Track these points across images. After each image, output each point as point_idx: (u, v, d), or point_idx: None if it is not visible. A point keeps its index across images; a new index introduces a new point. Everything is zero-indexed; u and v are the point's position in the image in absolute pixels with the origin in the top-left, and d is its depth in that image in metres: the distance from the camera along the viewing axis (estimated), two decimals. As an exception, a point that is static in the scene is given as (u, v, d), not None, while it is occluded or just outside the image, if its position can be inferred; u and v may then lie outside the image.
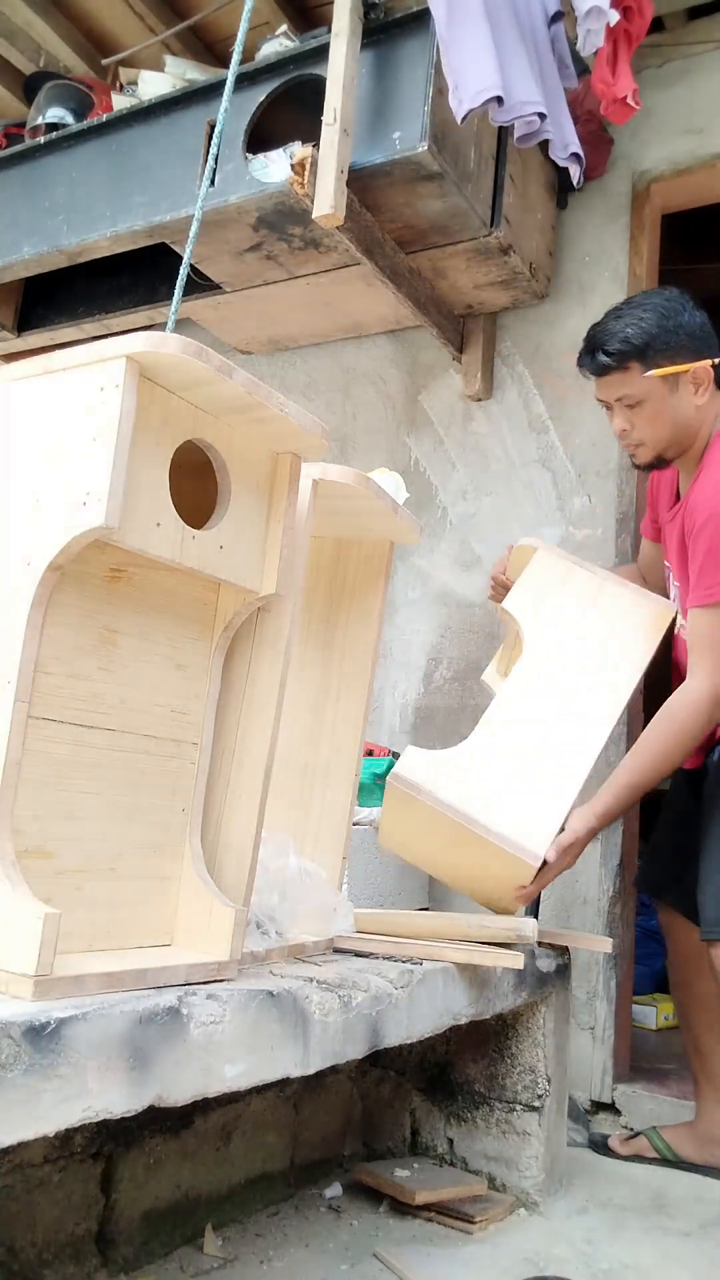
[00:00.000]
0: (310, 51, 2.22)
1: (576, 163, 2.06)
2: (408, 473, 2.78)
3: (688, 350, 1.83)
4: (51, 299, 2.97)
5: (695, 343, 1.84)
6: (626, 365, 1.83)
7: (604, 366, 1.86)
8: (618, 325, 1.85)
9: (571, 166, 2.07)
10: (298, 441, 1.25)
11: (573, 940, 1.89)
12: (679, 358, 1.83)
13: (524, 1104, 1.81)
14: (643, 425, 1.88)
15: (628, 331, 1.83)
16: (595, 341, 1.87)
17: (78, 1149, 1.38)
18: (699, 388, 1.85)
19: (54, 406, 1.09)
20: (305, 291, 2.63)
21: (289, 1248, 1.55)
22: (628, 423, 1.89)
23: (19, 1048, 0.87)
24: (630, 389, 1.85)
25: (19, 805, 1.04)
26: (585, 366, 1.91)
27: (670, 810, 2.14)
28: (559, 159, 2.05)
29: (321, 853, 1.54)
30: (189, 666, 1.25)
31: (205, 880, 1.22)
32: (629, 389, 1.85)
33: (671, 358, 1.82)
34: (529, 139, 1.96)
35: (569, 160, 2.05)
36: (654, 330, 1.82)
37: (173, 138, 2.41)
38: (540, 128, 1.93)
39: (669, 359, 1.82)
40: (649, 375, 1.82)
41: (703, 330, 1.86)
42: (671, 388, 1.84)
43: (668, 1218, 1.78)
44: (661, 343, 1.82)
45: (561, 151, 2.03)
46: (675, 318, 1.84)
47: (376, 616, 1.58)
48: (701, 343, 1.85)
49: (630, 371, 1.84)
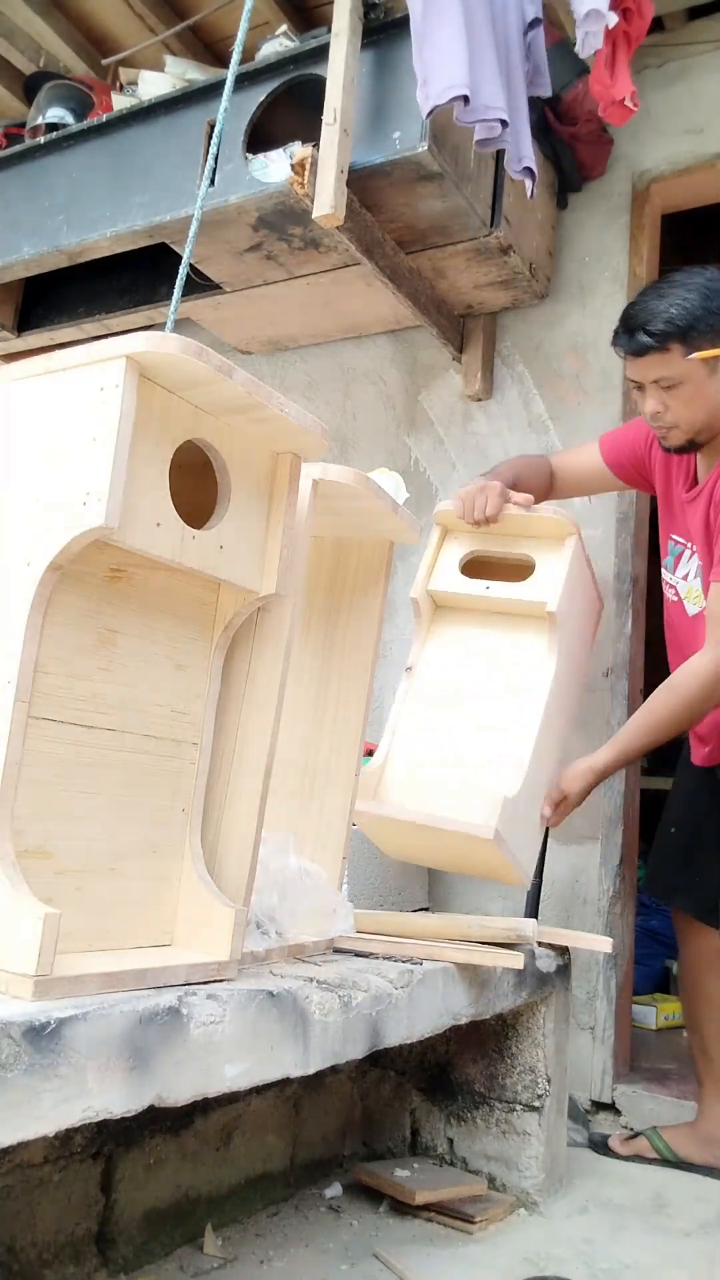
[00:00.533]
0: (310, 51, 2.22)
1: (529, 176, 2.06)
2: (408, 473, 2.78)
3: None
4: (51, 299, 2.97)
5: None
6: (668, 346, 1.78)
7: (645, 346, 1.80)
8: (661, 305, 1.79)
9: (525, 180, 2.07)
10: (298, 441, 1.25)
11: (572, 940, 1.89)
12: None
13: (524, 1104, 1.81)
14: (678, 408, 1.84)
15: (671, 311, 1.77)
16: (635, 320, 1.82)
17: (78, 1149, 1.38)
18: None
19: (54, 406, 1.09)
20: (305, 291, 2.63)
21: (289, 1248, 1.55)
22: (662, 404, 1.84)
23: (19, 1048, 0.87)
24: (669, 370, 1.80)
25: (19, 805, 1.04)
26: (622, 346, 1.86)
27: (677, 810, 2.14)
28: (512, 172, 2.05)
29: (321, 853, 1.54)
30: (189, 666, 1.25)
31: (205, 880, 1.22)
32: (668, 370, 1.80)
33: (714, 339, 1.78)
34: (487, 144, 1.95)
35: (522, 174, 2.04)
36: (698, 311, 1.77)
37: (173, 138, 2.41)
38: (500, 135, 1.93)
39: (711, 340, 1.78)
40: (691, 358, 1.77)
41: None
42: (711, 370, 1.80)
43: (668, 1218, 1.78)
44: (705, 324, 1.77)
45: (515, 164, 2.03)
46: (718, 298, 1.79)
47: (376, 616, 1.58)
48: None
49: (671, 353, 1.79)
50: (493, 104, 1.89)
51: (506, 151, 2.00)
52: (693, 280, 1.82)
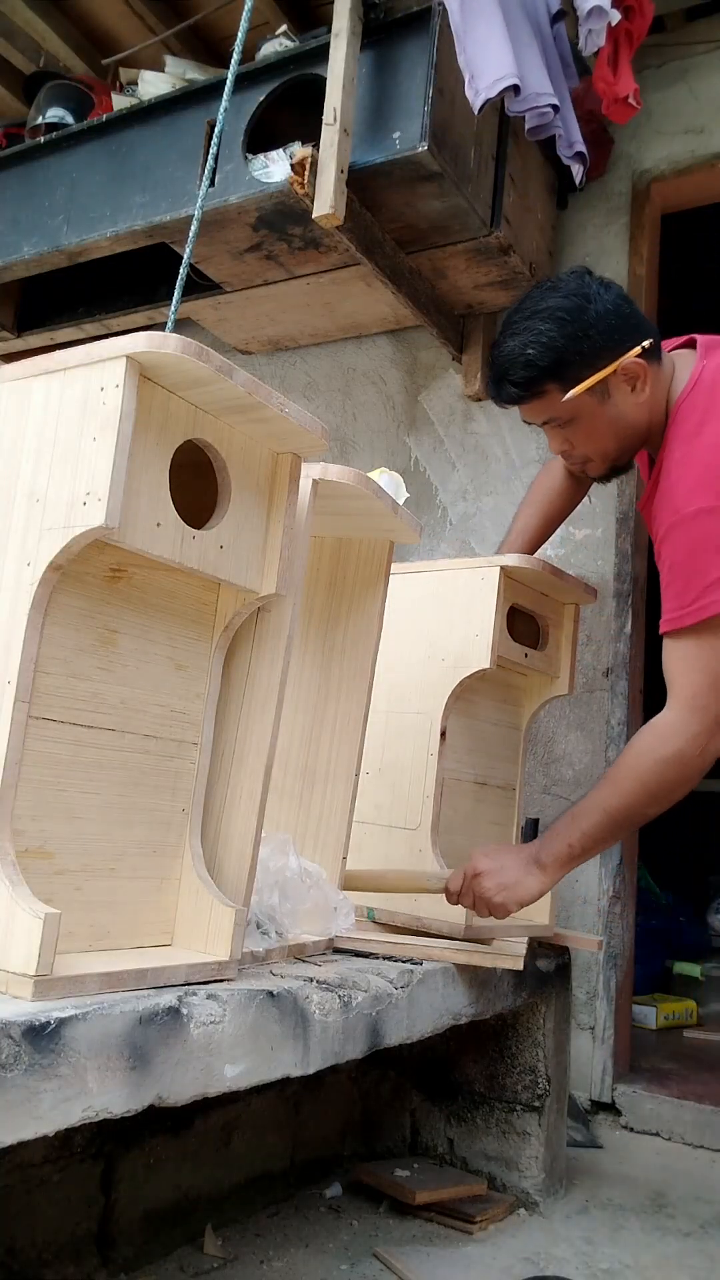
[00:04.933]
0: (310, 51, 2.22)
1: (580, 161, 2.06)
2: (408, 473, 2.78)
3: (607, 348, 1.51)
4: (51, 299, 2.97)
5: (614, 334, 1.51)
6: (541, 390, 1.53)
7: (515, 397, 1.57)
8: (515, 345, 1.52)
9: (574, 165, 2.07)
10: (298, 441, 1.25)
11: (560, 938, 1.89)
12: (599, 361, 1.50)
13: (524, 1104, 1.81)
14: (581, 442, 1.59)
15: (529, 353, 1.51)
16: (497, 369, 1.57)
17: (78, 1149, 1.38)
18: (635, 382, 1.53)
19: (54, 406, 1.09)
20: (305, 291, 2.63)
21: (289, 1248, 1.55)
22: (566, 443, 1.61)
23: (19, 1048, 0.87)
24: (555, 411, 1.55)
25: (19, 805, 1.04)
26: (495, 399, 1.62)
27: None
28: (564, 156, 2.06)
29: (321, 853, 1.54)
30: (189, 666, 1.25)
31: (205, 880, 1.22)
32: (553, 412, 1.55)
33: (591, 365, 1.50)
34: (540, 131, 1.96)
35: (573, 159, 2.05)
36: (559, 343, 1.50)
37: (172, 138, 2.41)
38: (552, 120, 1.93)
39: (588, 367, 1.50)
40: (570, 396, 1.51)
41: (619, 315, 1.52)
42: (602, 395, 1.53)
43: (668, 1218, 1.78)
44: (573, 354, 1.50)
45: (567, 149, 2.04)
46: (581, 318, 1.50)
47: (376, 616, 1.58)
48: (622, 331, 1.52)
49: (549, 394, 1.53)
50: (542, 90, 1.89)
51: (559, 138, 2.00)
52: (546, 304, 1.52)
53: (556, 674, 1.94)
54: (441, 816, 1.72)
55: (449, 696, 1.72)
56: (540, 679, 1.94)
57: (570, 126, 2.03)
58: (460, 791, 1.80)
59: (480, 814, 1.85)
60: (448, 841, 1.73)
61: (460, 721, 1.79)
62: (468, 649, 1.73)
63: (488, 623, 1.71)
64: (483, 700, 1.86)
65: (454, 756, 1.77)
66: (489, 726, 1.88)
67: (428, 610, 1.80)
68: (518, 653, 1.79)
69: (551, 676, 1.93)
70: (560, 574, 1.82)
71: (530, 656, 1.83)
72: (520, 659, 1.80)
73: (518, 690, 1.96)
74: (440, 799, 1.72)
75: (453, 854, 1.72)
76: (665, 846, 3.62)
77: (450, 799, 1.76)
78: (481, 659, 1.71)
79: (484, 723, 1.87)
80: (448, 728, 1.74)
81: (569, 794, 2.45)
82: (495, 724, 1.90)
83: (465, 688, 1.74)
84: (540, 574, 1.77)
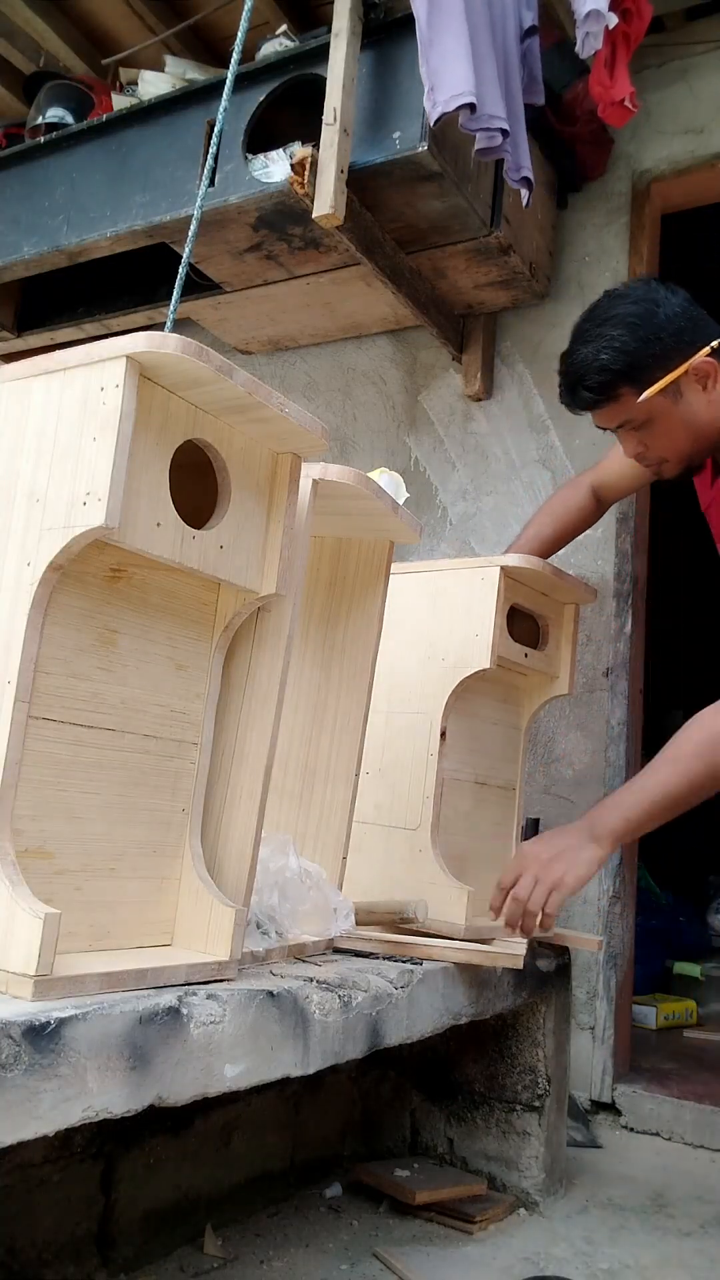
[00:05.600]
0: (310, 51, 2.22)
1: (526, 186, 2.06)
2: (408, 473, 2.78)
3: (678, 349, 1.58)
4: (51, 299, 2.97)
5: (684, 335, 1.58)
6: (616, 394, 1.60)
7: (590, 402, 1.63)
8: (589, 351, 1.59)
9: (522, 189, 2.07)
10: (298, 441, 1.25)
11: (560, 938, 1.90)
12: (671, 362, 1.58)
13: (524, 1104, 1.81)
14: (657, 443, 1.66)
15: (603, 358, 1.58)
16: (571, 376, 1.64)
17: (78, 1149, 1.38)
18: (707, 381, 1.60)
19: (54, 406, 1.09)
20: (305, 291, 2.63)
21: (289, 1248, 1.55)
22: (640, 445, 1.68)
23: (19, 1048, 0.87)
24: (630, 414, 1.62)
25: (19, 805, 1.04)
26: (570, 405, 1.68)
27: None
28: (511, 180, 2.05)
29: (321, 853, 1.54)
30: (189, 666, 1.25)
31: (205, 880, 1.22)
32: (628, 414, 1.62)
33: (663, 366, 1.57)
34: (488, 153, 1.96)
35: (519, 183, 2.04)
36: (632, 346, 1.57)
37: (172, 138, 2.41)
38: (500, 145, 1.93)
39: (661, 369, 1.57)
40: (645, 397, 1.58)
41: (687, 317, 1.60)
42: (675, 395, 1.60)
43: (668, 1218, 1.78)
44: (647, 356, 1.57)
45: (514, 174, 2.03)
46: (651, 321, 1.58)
47: (376, 616, 1.58)
48: (691, 332, 1.59)
49: (624, 398, 1.60)
50: (495, 113, 1.88)
51: (505, 162, 2.00)
52: (618, 311, 1.60)
53: (556, 674, 1.94)
54: (441, 816, 1.72)
55: (449, 696, 1.73)
56: (540, 679, 1.94)
57: (520, 151, 2.01)
58: (460, 791, 1.80)
59: (480, 814, 1.85)
60: (448, 841, 1.73)
61: (460, 721, 1.79)
62: (468, 649, 1.73)
63: (488, 623, 1.72)
64: (483, 700, 1.86)
65: (454, 756, 1.77)
66: (489, 726, 1.88)
67: (428, 610, 1.80)
68: (518, 653, 1.79)
69: (551, 676, 1.93)
70: (560, 574, 1.83)
71: (530, 656, 1.83)
72: (520, 659, 1.80)
73: (518, 690, 1.96)
74: (440, 799, 1.72)
75: (453, 854, 1.72)
76: (665, 846, 3.61)
77: (450, 799, 1.76)
78: (481, 659, 1.71)
79: (484, 723, 1.87)
80: (448, 728, 1.74)
81: (569, 794, 2.45)
82: (495, 724, 1.90)
83: (465, 688, 1.74)
84: (540, 574, 1.78)
